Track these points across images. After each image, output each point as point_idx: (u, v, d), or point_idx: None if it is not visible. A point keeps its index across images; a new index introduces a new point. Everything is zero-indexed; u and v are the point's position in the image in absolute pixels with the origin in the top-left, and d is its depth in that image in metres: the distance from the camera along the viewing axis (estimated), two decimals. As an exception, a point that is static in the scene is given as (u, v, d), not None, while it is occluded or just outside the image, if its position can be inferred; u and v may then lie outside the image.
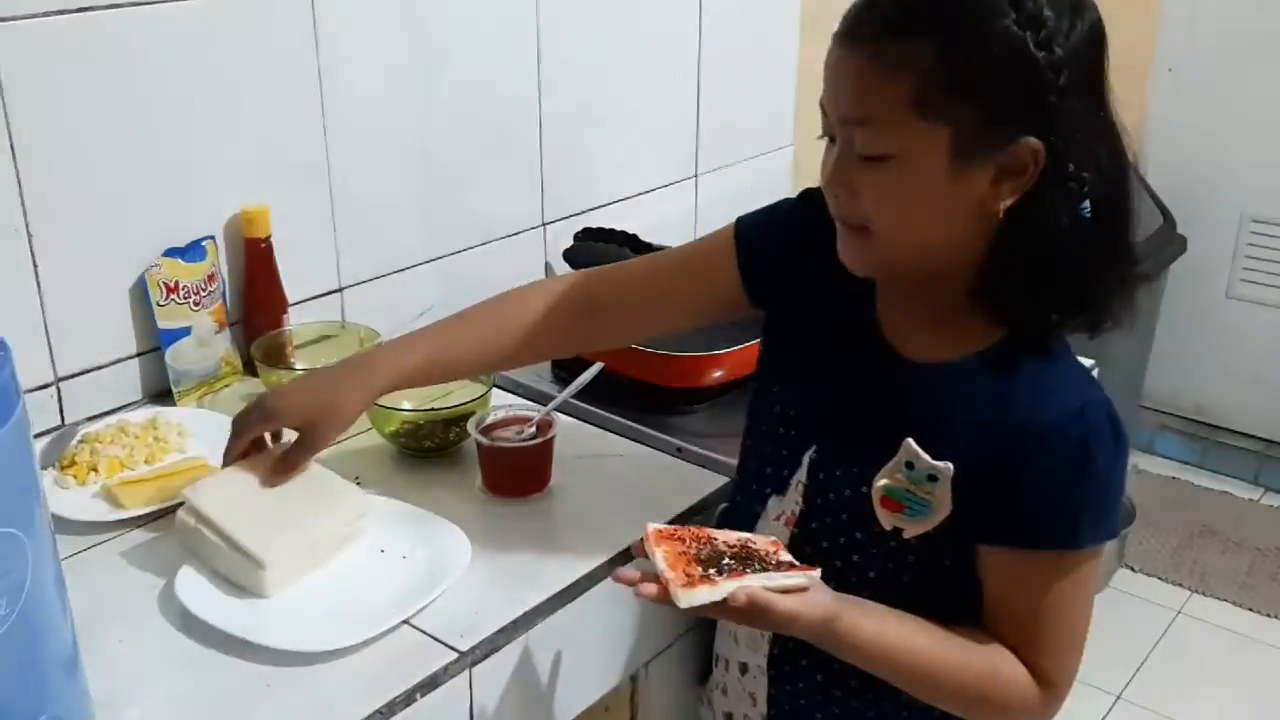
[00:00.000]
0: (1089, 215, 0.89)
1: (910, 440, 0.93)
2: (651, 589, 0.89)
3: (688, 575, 0.88)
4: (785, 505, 1.04)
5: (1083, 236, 0.89)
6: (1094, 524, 0.93)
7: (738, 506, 1.11)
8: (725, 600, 0.87)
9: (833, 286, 1.00)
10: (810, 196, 1.03)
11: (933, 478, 0.93)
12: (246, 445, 1.11)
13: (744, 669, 1.12)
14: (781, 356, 1.09)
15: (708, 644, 1.22)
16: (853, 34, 0.89)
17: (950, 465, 0.92)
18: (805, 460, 1.02)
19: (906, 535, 0.96)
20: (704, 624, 1.23)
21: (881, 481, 0.95)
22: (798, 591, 0.89)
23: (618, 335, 1.21)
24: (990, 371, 0.94)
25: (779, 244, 1.07)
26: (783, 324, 1.09)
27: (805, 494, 1.02)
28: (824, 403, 1.01)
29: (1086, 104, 0.88)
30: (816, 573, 0.91)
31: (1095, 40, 0.89)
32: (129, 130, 1.29)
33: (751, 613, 0.88)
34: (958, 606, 0.97)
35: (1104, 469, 0.92)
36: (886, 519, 0.96)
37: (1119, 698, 2.38)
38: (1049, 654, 0.95)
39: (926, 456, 0.93)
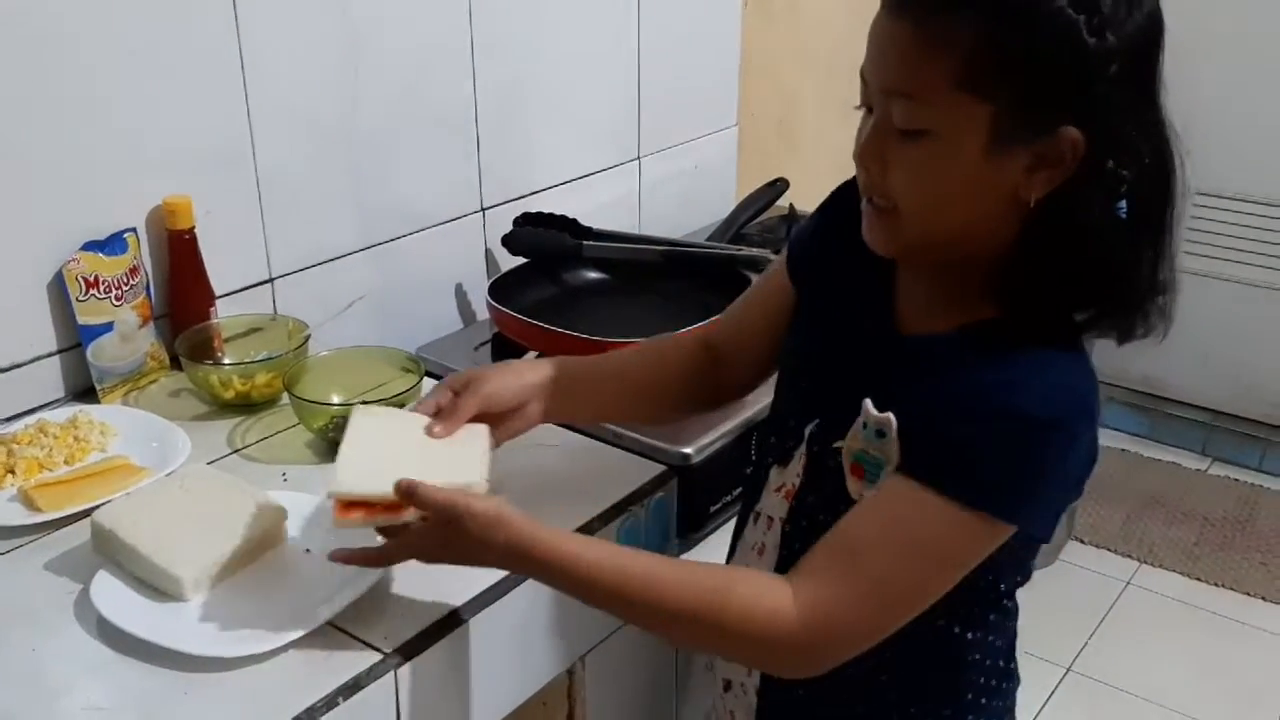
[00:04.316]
0: (1125, 215, 0.87)
1: (867, 400, 0.93)
2: (343, 553, 0.96)
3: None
4: (786, 477, 1.04)
5: (1115, 236, 0.87)
6: (993, 488, 0.86)
7: (752, 475, 1.11)
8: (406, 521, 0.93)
9: (859, 270, 1.01)
10: (845, 187, 1.05)
11: (881, 433, 0.92)
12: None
13: None
14: (799, 334, 1.09)
15: None
16: (901, 3, 0.86)
17: (891, 416, 0.91)
18: (807, 433, 1.02)
19: None
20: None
21: (848, 444, 0.95)
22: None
23: (742, 373, 1.19)
24: (978, 345, 0.90)
25: (814, 231, 1.10)
26: (806, 302, 1.10)
27: (805, 467, 1.02)
28: (829, 378, 1.02)
29: (1135, 99, 0.86)
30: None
31: (1152, 33, 0.87)
32: (42, 119, 1.25)
33: (448, 532, 0.92)
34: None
35: (1052, 457, 0.87)
36: (855, 487, 0.95)
37: (1069, 669, 2.41)
38: (846, 588, 0.89)
39: (874, 410, 0.92)
